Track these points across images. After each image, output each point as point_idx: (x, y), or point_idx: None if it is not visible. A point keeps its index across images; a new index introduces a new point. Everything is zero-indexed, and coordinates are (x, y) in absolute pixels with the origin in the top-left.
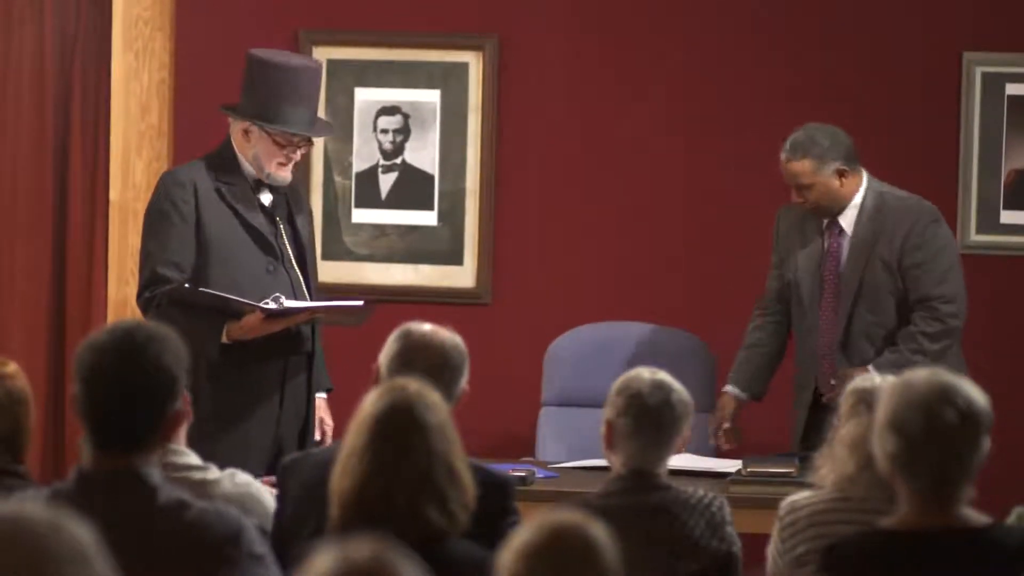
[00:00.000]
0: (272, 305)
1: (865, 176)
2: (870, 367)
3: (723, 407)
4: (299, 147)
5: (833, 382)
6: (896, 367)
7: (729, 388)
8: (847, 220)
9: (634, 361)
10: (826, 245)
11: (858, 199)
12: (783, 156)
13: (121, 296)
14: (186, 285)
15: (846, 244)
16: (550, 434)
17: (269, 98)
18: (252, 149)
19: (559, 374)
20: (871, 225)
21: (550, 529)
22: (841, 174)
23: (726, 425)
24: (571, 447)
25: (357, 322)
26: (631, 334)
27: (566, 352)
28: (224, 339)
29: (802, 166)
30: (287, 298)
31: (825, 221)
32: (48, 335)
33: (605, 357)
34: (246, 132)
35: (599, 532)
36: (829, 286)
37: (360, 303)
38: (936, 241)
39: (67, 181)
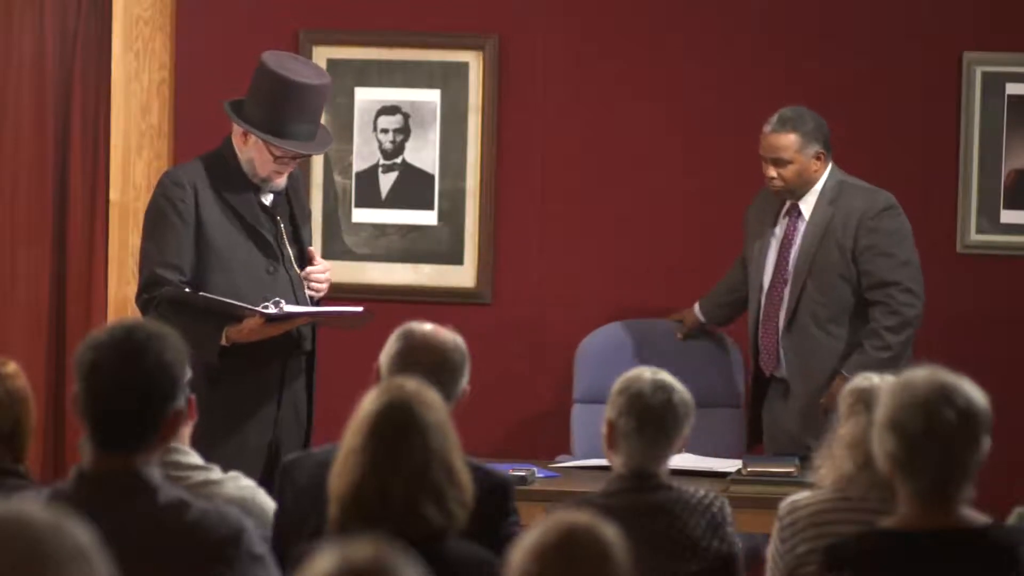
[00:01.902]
0: (272, 310)
1: (830, 164)
2: (843, 372)
3: (686, 320)
4: (294, 159)
5: (822, 400)
6: (865, 368)
7: (696, 307)
8: (807, 205)
9: (664, 356)
10: (783, 231)
11: (819, 185)
12: (768, 128)
13: (121, 296)
14: (186, 289)
15: (803, 228)
16: (583, 431)
17: (272, 110)
18: (248, 153)
19: (589, 371)
20: (829, 209)
21: (562, 529)
22: (818, 157)
23: (682, 333)
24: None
25: (355, 327)
26: (660, 330)
27: (597, 348)
28: (223, 342)
29: (788, 140)
30: (287, 299)
31: (785, 207)
32: (48, 335)
33: (635, 353)
34: (245, 135)
35: (611, 533)
36: (781, 272)
37: (359, 310)
38: (891, 227)
39: (67, 181)
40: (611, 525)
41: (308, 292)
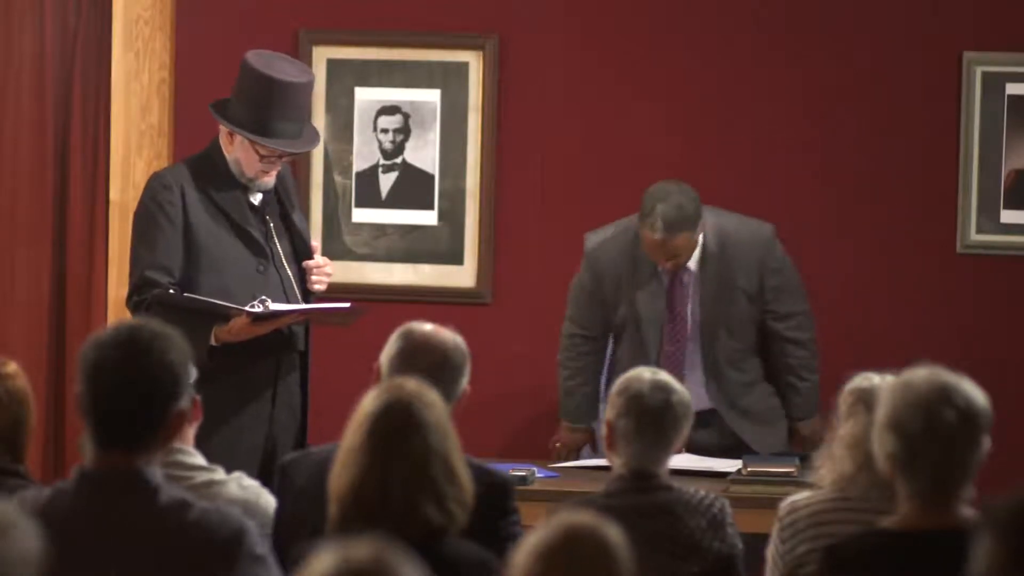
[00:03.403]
0: (258, 308)
1: None
2: (798, 418)
3: (577, 442)
4: (281, 158)
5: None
6: (811, 402)
7: (579, 425)
8: (692, 259)
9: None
10: (666, 281)
11: (700, 237)
12: (658, 236)
13: (121, 296)
14: (171, 291)
15: (692, 281)
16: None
17: (257, 109)
18: (235, 153)
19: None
20: (721, 263)
21: (566, 530)
22: (701, 227)
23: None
24: None
25: (346, 323)
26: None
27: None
28: (213, 342)
29: (683, 239)
30: (277, 299)
31: None
32: (48, 335)
33: None
34: (231, 135)
35: (615, 534)
36: (678, 321)
37: (347, 306)
38: (786, 262)
39: (67, 181)
40: (614, 526)
41: (315, 286)
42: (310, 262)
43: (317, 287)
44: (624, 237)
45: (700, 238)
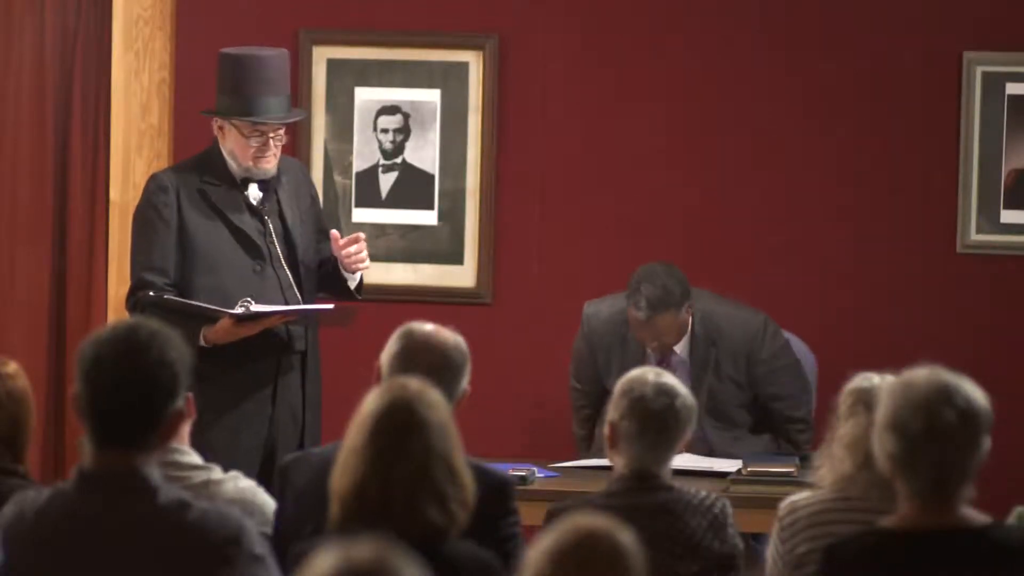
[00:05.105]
0: (239, 310)
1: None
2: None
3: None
4: (269, 136)
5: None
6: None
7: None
8: (680, 344)
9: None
10: (652, 363)
11: (688, 321)
12: (641, 315)
13: (121, 296)
14: (154, 292)
15: (680, 366)
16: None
17: (234, 92)
18: (228, 145)
19: None
20: (708, 350)
21: (578, 533)
22: (688, 309)
23: None
24: None
25: (341, 323)
26: None
27: None
28: (202, 343)
29: (667, 320)
30: (275, 299)
31: None
32: (48, 335)
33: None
34: (221, 129)
35: (627, 537)
36: None
37: (331, 307)
38: (778, 348)
39: (67, 181)
40: (627, 529)
41: (361, 264)
42: (344, 240)
43: (363, 266)
44: (618, 317)
45: (689, 325)
